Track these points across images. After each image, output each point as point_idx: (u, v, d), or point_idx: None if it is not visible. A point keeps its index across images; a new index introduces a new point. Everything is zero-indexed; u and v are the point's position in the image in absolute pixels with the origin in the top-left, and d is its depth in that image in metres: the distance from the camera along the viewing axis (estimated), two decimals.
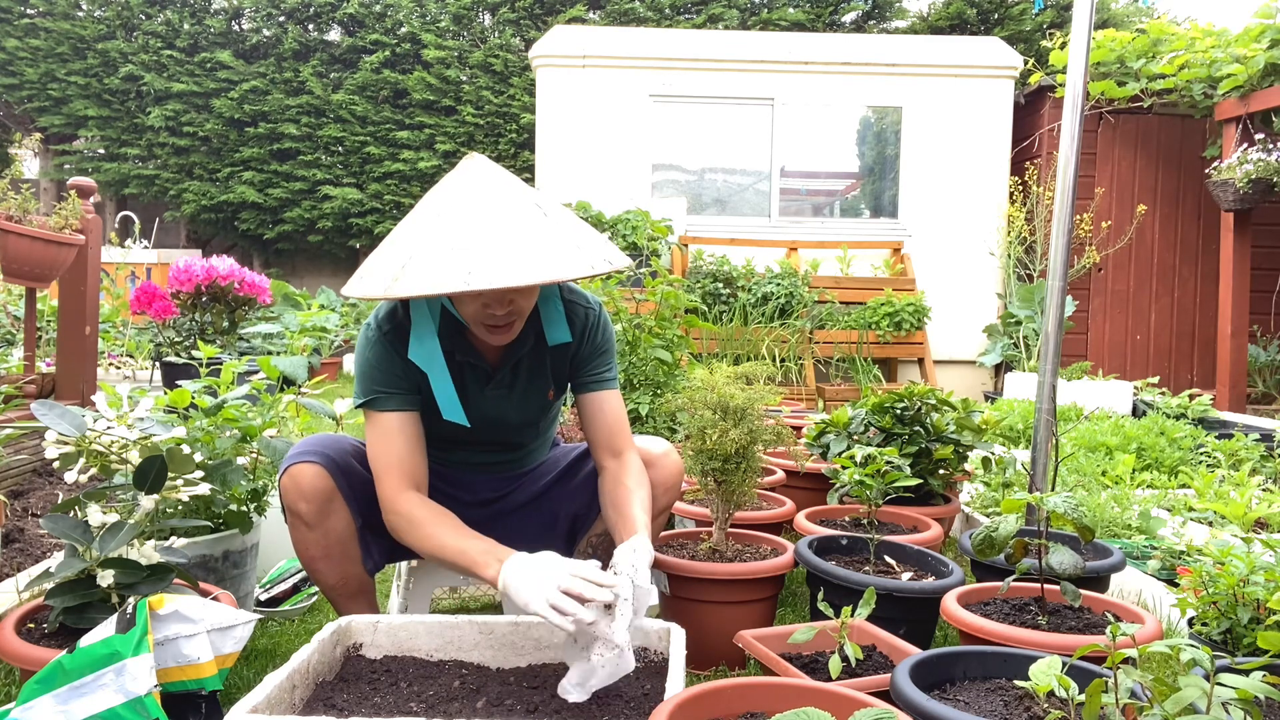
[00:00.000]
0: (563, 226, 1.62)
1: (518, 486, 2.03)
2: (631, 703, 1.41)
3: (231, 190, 10.11)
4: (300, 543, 1.81)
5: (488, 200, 1.59)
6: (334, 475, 1.77)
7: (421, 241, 1.56)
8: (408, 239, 1.59)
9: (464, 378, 1.83)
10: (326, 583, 1.85)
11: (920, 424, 3.04)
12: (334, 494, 1.77)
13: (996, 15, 10.11)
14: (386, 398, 1.74)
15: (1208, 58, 6.09)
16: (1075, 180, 2.68)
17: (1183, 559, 2.58)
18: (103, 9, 10.32)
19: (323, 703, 1.41)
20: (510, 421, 1.90)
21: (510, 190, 1.63)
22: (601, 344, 1.90)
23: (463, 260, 1.50)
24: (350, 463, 1.82)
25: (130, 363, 6.44)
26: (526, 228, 1.56)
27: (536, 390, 1.89)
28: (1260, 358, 6.90)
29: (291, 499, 1.78)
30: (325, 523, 1.78)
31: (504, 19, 10.17)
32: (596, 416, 1.87)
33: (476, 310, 1.67)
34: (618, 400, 1.90)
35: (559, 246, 1.57)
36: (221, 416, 2.35)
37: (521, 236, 1.55)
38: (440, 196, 1.64)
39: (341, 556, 1.82)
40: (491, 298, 1.64)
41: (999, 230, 7.29)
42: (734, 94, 7.52)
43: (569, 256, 1.56)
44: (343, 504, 1.79)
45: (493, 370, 1.84)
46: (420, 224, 1.60)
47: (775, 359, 6.53)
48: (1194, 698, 1.11)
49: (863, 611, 1.72)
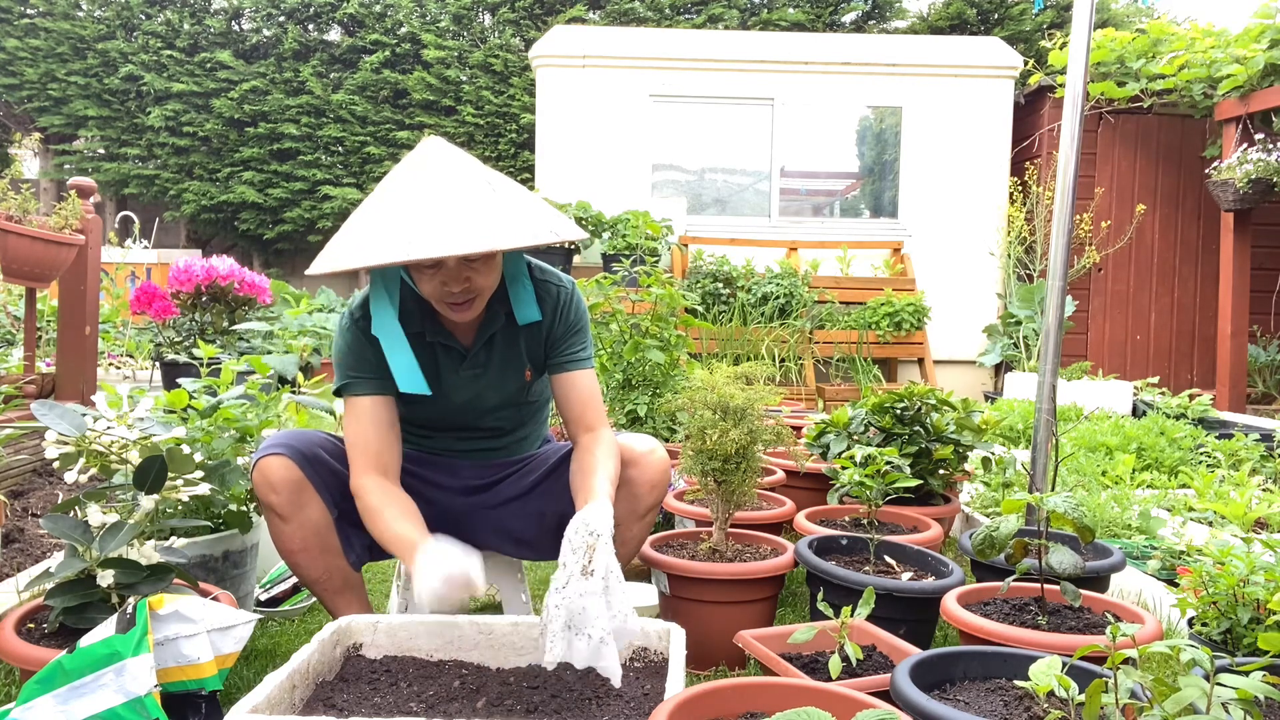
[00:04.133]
0: (510, 200, 1.65)
1: (505, 479, 2.02)
2: (632, 702, 1.41)
3: (231, 190, 10.10)
4: (278, 537, 1.82)
5: (435, 176, 1.64)
6: (301, 465, 1.79)
7: (370, 217, 1.62)
8: (359, 217, 1.66)
9: (437, 359, 1.86)
10: (310, 576, 1.85)
11: (920, 424, 3.04)
12: (304, 483, 1.78)
13: (996, 15, 10.11)
14: (360, 382, 1.79)
15: (1208, 58, 6.09)
16: (1075, 180, 2.67)
17: (1183, 559, 2.58)
18: (103, 9, 10.31)
19: (323, 703, 1.41)
20: (488, 402, 1.92)
21: (458, 166, 1.67)
22: (574, 322, 1.92)
23: (404, 231, 1.55)
24: (319, 454, 1.83)
25: (130, 363, 6.44)
26: (470, 200, 1.60)
27: (513, 370, 1.91)
28: (1260, 358, 6.90)
29: (263, 492, 1.79)
30: (300, 514, 1.79)
31: (504, 19, 10.17)
32: (569, 394, 1.90)
33: (435, 288, 1.71)
34: (590, 379, 1.92)
35: (502, 217, 1.60)
36: (220, 416, 2.35)
37: (464, 208, 1.59)
38: (392, 176, 1.70)
39: (321, 549, 1.82)
40: (448, 275, 1.68)
41: (999, 230, 7.29)
42: (734, 94, 7.52)
43: (511, 226, 1.60)
44: (314, 494, 1.80)
45: (466, 350, 1.87)
46: (371, 202, 1.67)
47: (775, 359, 6.53)
48: (1194, 698, 1.11)
49: (863, 611, 1.72)
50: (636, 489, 1.90)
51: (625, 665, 1.54)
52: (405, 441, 2.01)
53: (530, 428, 2.06)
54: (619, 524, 1.90)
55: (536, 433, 2.10)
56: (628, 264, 5.66)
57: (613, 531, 1.51)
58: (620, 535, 1.89)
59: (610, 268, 5.96)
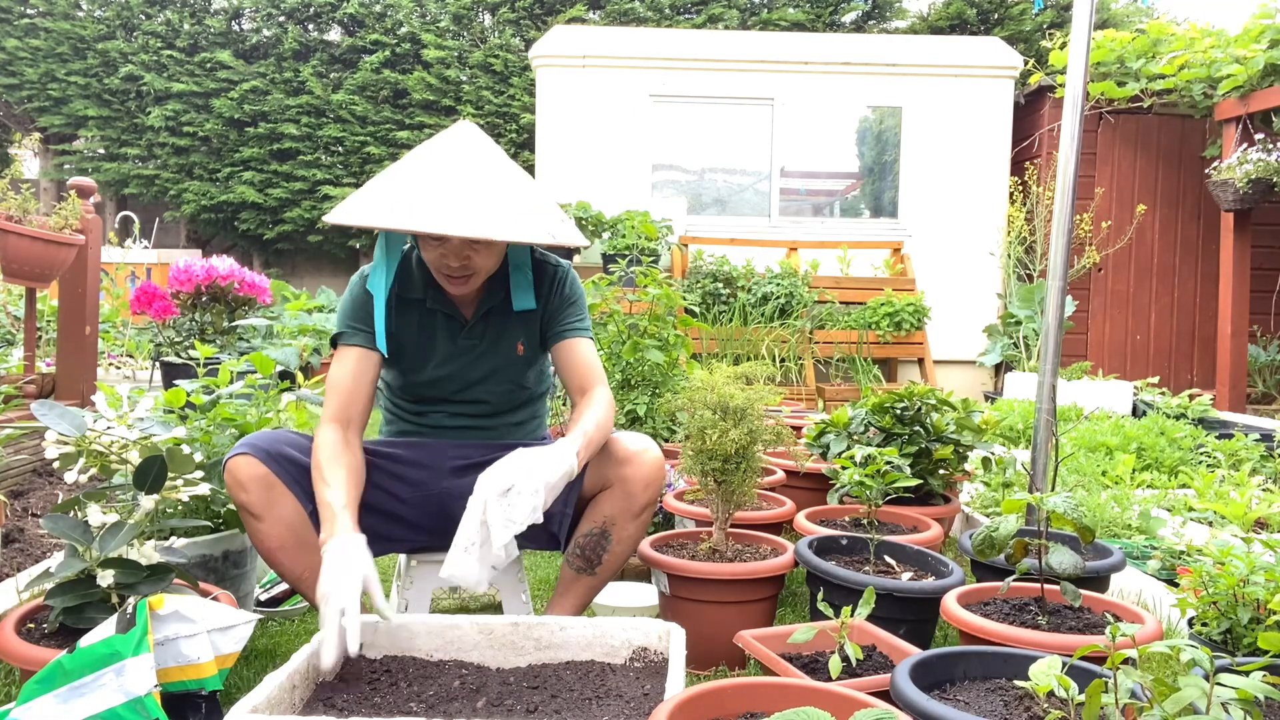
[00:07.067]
0: (518, 196, 1.72)
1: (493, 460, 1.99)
2: (631, 702, 1.41)
3: (231, 190, 10.10)
4: (255, 536, 1.82)
5: (456, 156, 1.74)
6: (266, 462, 1.79)
7: (388, 182, 1.73)
8: (379, 179, 1.76)
9: (436, 325, 1.94)
10: (292, 574, 1.84)
11: (920, 424, 3.04)
12: (272, 480, 1.79)
13: (996, 15, 10.11)
14: (352, 333, 1.90)
15: (1207, 58, 6.09)
16: (1075, 180, 2.67)
17: (1183, 559, 2.58)
18: (103, 9, 10.31)
19: (323, 702, 1.41)
20: (479, 371, 1.97)
21: (480, 154, 1.76)
22: (569, 296, 2.00)
23: (412, 202, 1.66)
24: (285, 450, 1.84)
25: (130, 363, 6.44)
26: (480, 187, 1.69)
27: (506, 343, 1.98)
28: (1260, 358, 6.90)
29: (234, 492, 1.80)
30: (272, 511, 1.79)
31: (504, 19, 10.17)
32: (568, 361, 1.98)
33: (436, 258, 1.82)
34: (586, 346, 1.99)
35: (505, 210, 1.68)
36: (218, 415, 2.35)
37: (473, 194, 1.67)
38: (421, 148, 1.79)
39: (298, 545, 1.81)
40: (450, 250, 1.79)
41: (999, 230, 7.29)
42: (734, 94, 7.51)
43: (509, 221, 1.67)
44: (285, 490, 1.80)
45: (465, 321, 1.95)
46: (394, 168, 1.76)
47: (775, 359, 6.53)
48: (1194, 698, 1.11)
49: (863, 611, 1.72)
50: (631, 487, 1.90)
51: (625, 664, 1.55)
52: (398, 419, 2.03)
53: (523, 414, 2.08)
54: (615, 523, 1.91)
55: (530, 425, 2.10)
56: (625, 264, 5.66)
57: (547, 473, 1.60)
58: (616, 534, 1.93)
59: (609, 268, 5.96)
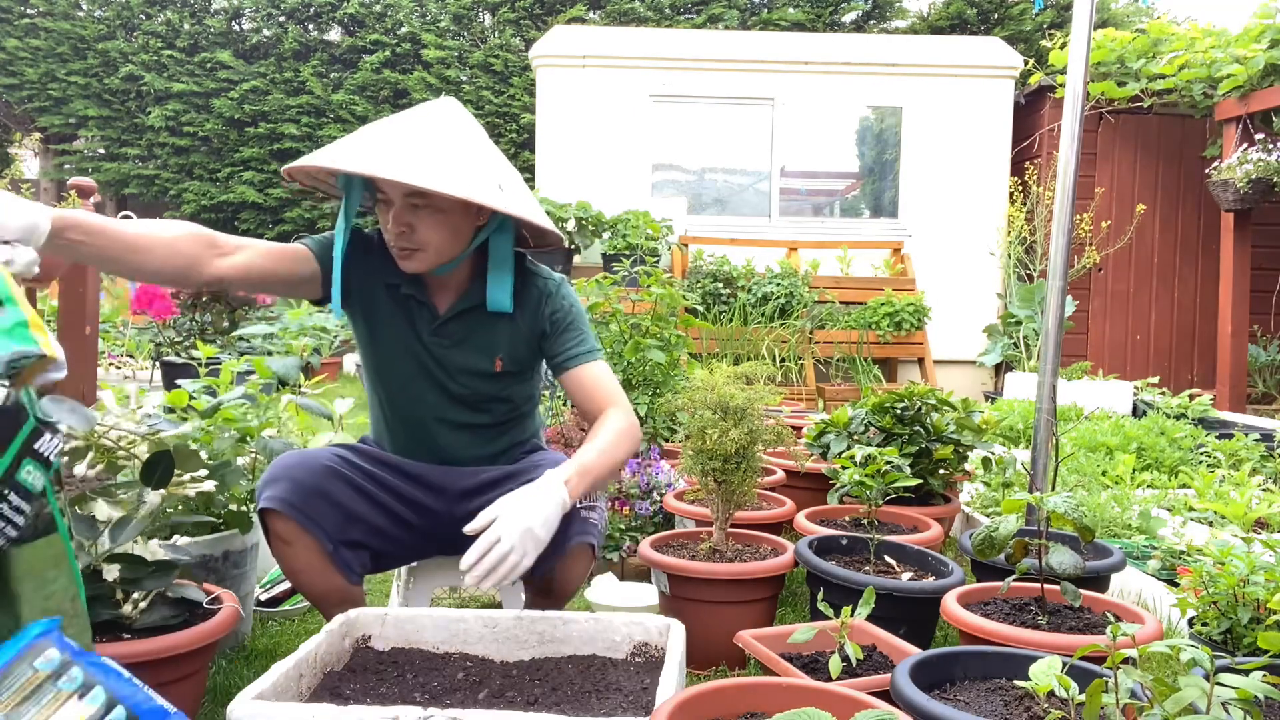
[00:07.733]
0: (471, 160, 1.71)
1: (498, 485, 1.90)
2: (630, 696, 1.42)
3: (232, 190, 10.11)
4: (279, 557, 1.81)
5: (419, 118, 1.75)
6: (296, 517, 1.75)
7: (347, 138, 1.74)
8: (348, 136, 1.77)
9: (411, 313, 1.90)
10: (314, 593, 1.83)
11: (920, 424, 3.04)
12: (299, 533, 1.76)
13: (996, 15, 10.12)
14: (309, 243, 1.91)
15: (1208, 58, 6.09)
16: (1075, 180, 2.68)
17: (1183, 559, 2.58)
18: (103, 9, 10.32)
19: (329, 691, 1.43)
20: (455, 360, 1.90)
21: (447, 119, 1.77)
22: (562, 319, 1.91)
23: (356, 149, 1.67)
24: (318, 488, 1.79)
25: (130, 363, 6.45)
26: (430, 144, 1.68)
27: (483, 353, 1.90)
28: (1260, 358, 6.90)
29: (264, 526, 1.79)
30: (299, 542, 1.77)
31: (504, 19, 10.17)
32: (577, 388, 1.91)
33: (385, 226, 1.79)
34: (593, 371, 1.90)
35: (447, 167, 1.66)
36: (220, 417, 2.35)
37: (419, 148, 1.67)
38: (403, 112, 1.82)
39: (321, 570, 1.81)
40: (394, 215, 1.75)
41: (999, 230, 7.29)
42: (734, 94, 7.52)
43: (447, 175, 1.64)
44: (311, 540, 1.77)
45: (436, 313, 1.89)
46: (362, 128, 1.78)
47: (775, 359, 6.54)
48: (1194, 698, 1.11)
49: (863, 611, 1.72)
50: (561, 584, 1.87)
51: (626, 659, 1.56)
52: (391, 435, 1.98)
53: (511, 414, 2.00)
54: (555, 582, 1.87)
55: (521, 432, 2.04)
56: (628, 264, 5.66)
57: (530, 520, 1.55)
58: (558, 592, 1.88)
59: (610, 268, 5.97)
